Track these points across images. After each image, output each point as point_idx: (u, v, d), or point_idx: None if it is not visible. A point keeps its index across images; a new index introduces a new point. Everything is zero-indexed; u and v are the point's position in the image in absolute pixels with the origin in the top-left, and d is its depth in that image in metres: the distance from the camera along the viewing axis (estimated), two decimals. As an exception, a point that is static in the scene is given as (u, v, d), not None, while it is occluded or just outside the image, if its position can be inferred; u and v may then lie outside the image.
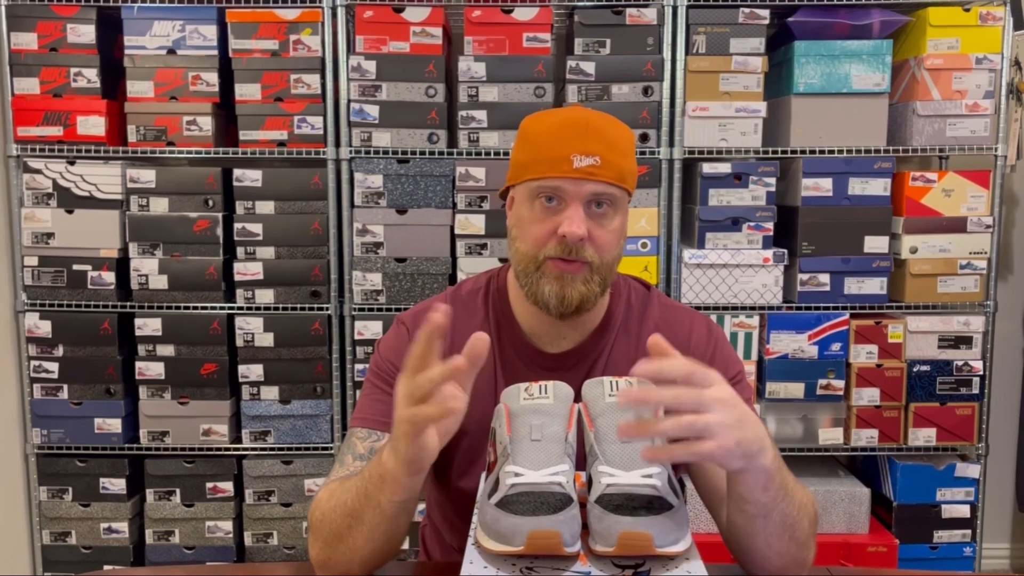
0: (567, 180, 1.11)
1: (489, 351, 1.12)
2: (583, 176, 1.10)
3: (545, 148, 1.12)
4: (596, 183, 1.11)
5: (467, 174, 2.43)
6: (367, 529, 1.01)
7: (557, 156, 1.10)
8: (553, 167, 1.11)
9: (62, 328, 2.49)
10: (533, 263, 1.15)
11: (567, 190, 1.11)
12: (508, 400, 1.04)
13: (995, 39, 2.42)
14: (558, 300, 1.14)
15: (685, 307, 1.34)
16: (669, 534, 0.89)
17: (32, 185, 2.46)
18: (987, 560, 2.83)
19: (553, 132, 1.13)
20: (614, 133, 1.14)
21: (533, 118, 1.19)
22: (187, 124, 2.46)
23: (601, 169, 1.10)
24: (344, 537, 1.03)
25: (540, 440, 0.97)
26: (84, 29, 2.45)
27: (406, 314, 1.30)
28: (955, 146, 2.45)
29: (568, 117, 1.14)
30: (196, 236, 2.47)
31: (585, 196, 1.12)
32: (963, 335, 2.47)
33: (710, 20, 2.41)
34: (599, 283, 1.15)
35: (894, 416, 2.48)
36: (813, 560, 1.09)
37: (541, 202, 1.13)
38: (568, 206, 1.12)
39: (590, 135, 1.11)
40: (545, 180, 1.12)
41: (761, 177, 2.43)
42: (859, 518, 2.48)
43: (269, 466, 2.53)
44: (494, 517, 0.92)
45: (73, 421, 2.51)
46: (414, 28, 2.43)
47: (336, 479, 1.12)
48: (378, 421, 1.19)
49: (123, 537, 2.56)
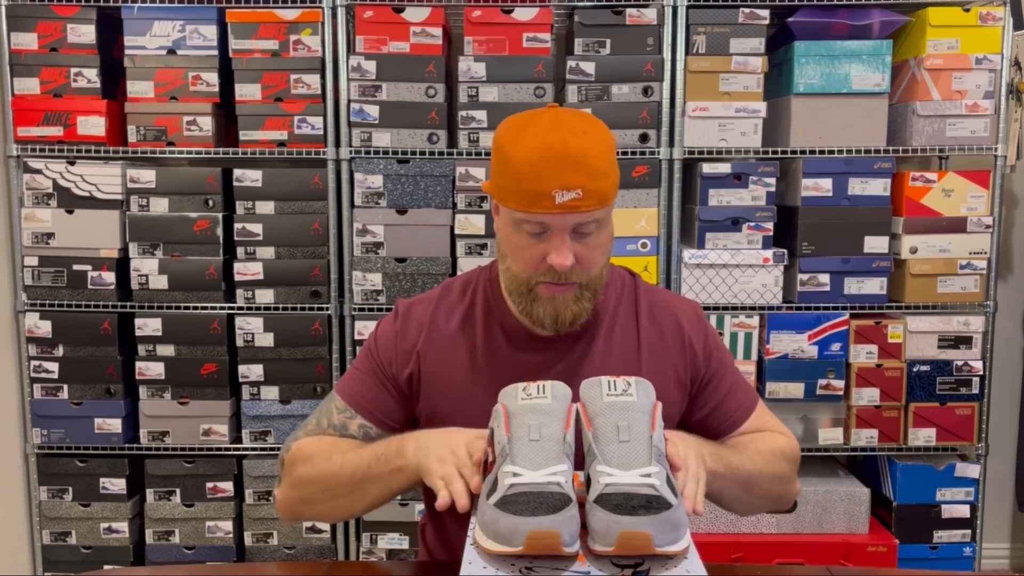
0: (550, 215, 1.12)
1: (472, 334, 1.28)
2: (566, 211, 1.11)
3: (526, 181, 1.11)
4: (579, 214, 1.12)
5: (467, 174, 2.43)
6: (364, 497, 1.19)
7: (539, 191, 1.10)
8: (535, 203, 1.11)
9: (62, 328, 2.49)
10: (525, 286, 1.18)
11: (551, 223, 1.13)
12: (506, 400, 1.04)
13: (995, 39, 2.42)
14: (552, 320, 1.19)
15: (668, 292, 1.43)
16: (668, 533, 0.90)
17: (32, 185, 2.46)
18: (987, 560, 2.83)
19: (533, 163, 1.10)
20: (594, 153, 1.12)
21: (511, 136, 1.15)
22: (187, 124, 2.46)
23: (583, 201, 1.11)
24: (337, 497, 1.20)
25: (539, 440, 0.98)
26: (84, 29, 2.45)
27: (403, 302, 1.34)
28: (955, 146, 2.45)
29: (547, 142, 1.10)
30: (196, 236, 2.47)
31: (569, 227, 1.13)
32: (963, 335, 2.47)
33: (710, 20, 2.41)
34: (590, 298, 1.20)
35: (894, 416, 2.48)
36: (798, 490, 1.35)
37: (527, 231, 1.15)
38: (554, 236, 1.14)
39: (570, 167, 1.10)
40: (528, 215, 1.13)
41: (761, 177, 2.43)
42: (859, 518, 2.47)
43: (269, 466, 2.53)
44: (493, 517, 0.92)
45: (73, 421, 2.51)
46: (414, 28, 2.43)
47: (318, 435, 1.27)
48: (358, 402, 1.28)
49: (123, 537, 2.56)
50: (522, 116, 1.17)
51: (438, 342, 1.27)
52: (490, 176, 1.21)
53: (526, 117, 1.16)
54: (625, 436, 0.97)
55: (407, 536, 2.53)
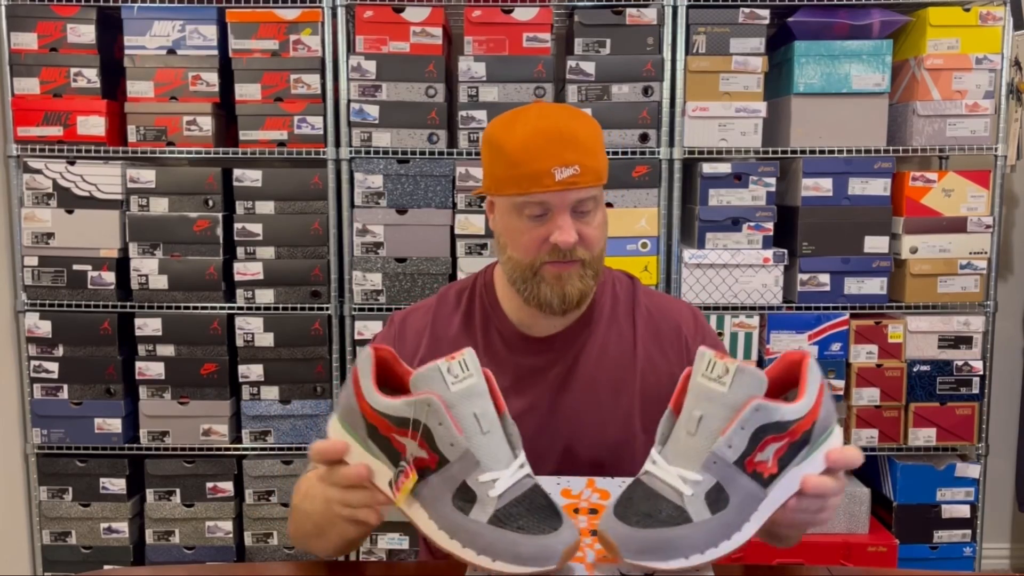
0: (551, 194, 1.14)
1: (472, 339, 1.26)
2: (566, 187, 1.13)
3: (524, 163, 1.13)
4: (579, 191, 1.15)
5: (467, 174, 2.43)
6: (332, 538, 1.08)
7: (538, 171, 1.13)
8: (535, 182, 1.13)
9: (62, 328, 2.49)
10: (530, 270, 1.18)
11: (552, 202, 1.15)
12: (433, 387, 0.88)
13: (995, 39, 2.42)
14: (560, 299, 1.19)
15: (667, 295, 1.43)
16: (651, 552, 0.82)
17: (32, 185, 2.46)
18: (987, 560, 2.83)
19: (529, 145, 1.14)
20: (585, 134, 1.16)
21: (502, 128, 1.18)
22: (187, 124, 2.46)
23: (582, 177, 1.13)
24: (311, 541, 1.13)
25: (489, 432, 0.88)
26: (84, 29, 2.44)
27: (399, 313, 1.35)
28: (955, 146, 2.45)
29: (540, 129, 1.14)
30: (196, 236, 2.47)
31: (570, 204, 1.15)
32: (963, 335, 2.47)
33: (710, 20, 2.41)
34: (593, 276, 1.21)
35: (894, 416, 2.48)
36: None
37: (528, 214, 1.16)
38: (555, 215, 1.15)
39: (566, 145, 1.13)
40: (530, 196, 1.14)
41: (761, 177, 2.43)
42: (859, 518, 2.47)
43: (269, 466, 2.53)
44: (509, 540, 0.83)
45: (73, 421, 2.51)
46: (414, 28, 2.43)
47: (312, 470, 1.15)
48: None
49: (123, 537, 2.56)
50: (509, 113, 1.21)
51: (440, 347, 1.27)
52: (483, 177, 1.23)
53: (513, 113, 1.20)
54: (693, 428, 0.86)
55: (407, 536, 2.53)
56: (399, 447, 0.89)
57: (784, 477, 0.88)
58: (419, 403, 0.87)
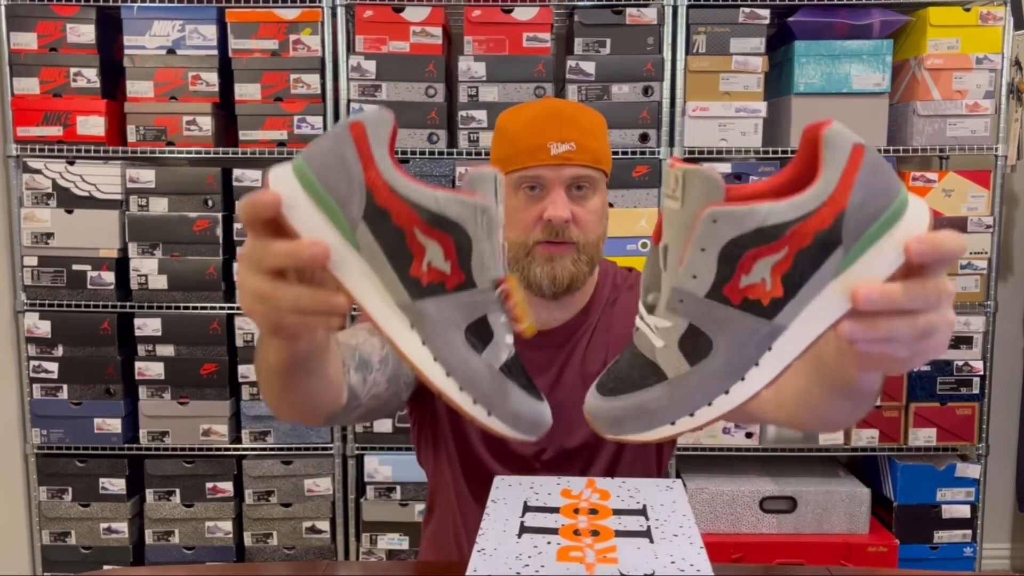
0: (546, 167, 1.16)
1: None
2: (561, 162, 1.16)
3: (522, 140, 1.17)
4: (574, 167, 1.17)
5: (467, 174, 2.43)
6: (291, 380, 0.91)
7: (534, 146, 1.16)
8: (531, 156, 1.16)
9: (62, 328, 2.49)
10: (523, 249, 1.19)
11: (547, 177, 1.17)
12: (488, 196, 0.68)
13: (995, 39, 2.42)
14: (550, 280, 1.19)
15: None
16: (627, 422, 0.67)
17: (32, 185, 2.46)
18: (987, 560, 2.83)
19: (529, 124, 1.18)
20: (586, 119, 1.20)
21: (509, 113, 1.23)
22: (187, 124, 2.46)
23: (577, 154, 1.16)
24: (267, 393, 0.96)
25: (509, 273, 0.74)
26: (84, 29, 2.44)
27: None
28: (955, 146, 2.45)
29: (542, 108, 1.19)
30: (196, 236, 2.47)
31: (565, 180, 1.17)
32: (963, 335, 2.46)
33: (710, 20, 2.41)
34: (586, 262, 1.20)
35: (894, 416, 2.48)
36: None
37: (524, 191, 1.18)
38: (550, 192, 1.17)
39: (564, 123, 1.17)
40: (525, 170, 1.17)
41: (761, 177, 2.42)
42: (859, 518, 2.47)
43: (269, 466, 2.53)
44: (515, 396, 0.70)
45: (73, 421, 2.51)
46: (414, 28, 2.43)
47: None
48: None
49: (123, 537, 2.56)
50: (521, 104, 1.27)
51: None
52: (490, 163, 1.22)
53: (525, 103, 1.26)
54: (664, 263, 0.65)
55: (407, 536, 2.53)
56: (415, 248, 0.67)
57: (808, 296, 0.62)
58: (477, 206, 0.67)
